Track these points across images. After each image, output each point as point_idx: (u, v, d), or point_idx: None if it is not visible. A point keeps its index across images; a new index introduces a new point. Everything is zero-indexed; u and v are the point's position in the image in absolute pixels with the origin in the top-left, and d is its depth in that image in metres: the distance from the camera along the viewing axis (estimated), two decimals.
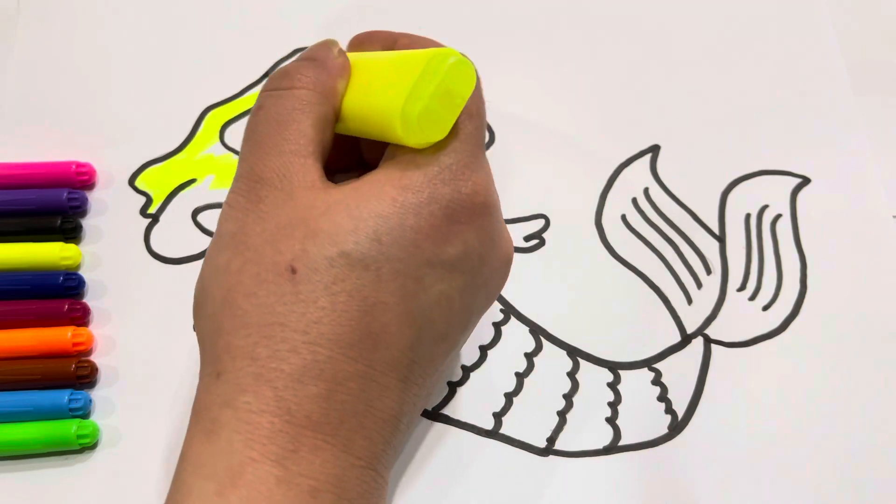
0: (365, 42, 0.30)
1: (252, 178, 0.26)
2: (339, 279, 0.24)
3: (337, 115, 0.28)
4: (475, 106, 0.27)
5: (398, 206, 0.25)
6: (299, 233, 0.25)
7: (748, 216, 0.39)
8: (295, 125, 0.26)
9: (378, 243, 0.24)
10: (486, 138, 0.28)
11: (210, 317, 0.25)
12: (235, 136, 0.41)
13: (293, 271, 0.24)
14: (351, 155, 0.31)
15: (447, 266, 0.26)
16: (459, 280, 0.26)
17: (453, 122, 0.26)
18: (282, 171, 0.26)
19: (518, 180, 0.40)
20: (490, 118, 0.41)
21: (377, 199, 0.25)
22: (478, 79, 0.27)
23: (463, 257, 0.26)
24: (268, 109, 0.27)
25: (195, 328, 0.26)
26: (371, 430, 0.25)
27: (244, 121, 0.41)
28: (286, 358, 0.24)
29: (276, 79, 0.28)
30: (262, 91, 0.28)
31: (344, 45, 0.30)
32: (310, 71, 0.27)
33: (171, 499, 0.24)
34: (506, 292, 0.37)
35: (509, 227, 0.39)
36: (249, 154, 0.27)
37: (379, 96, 0.26)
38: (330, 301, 0.24)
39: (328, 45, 0.28)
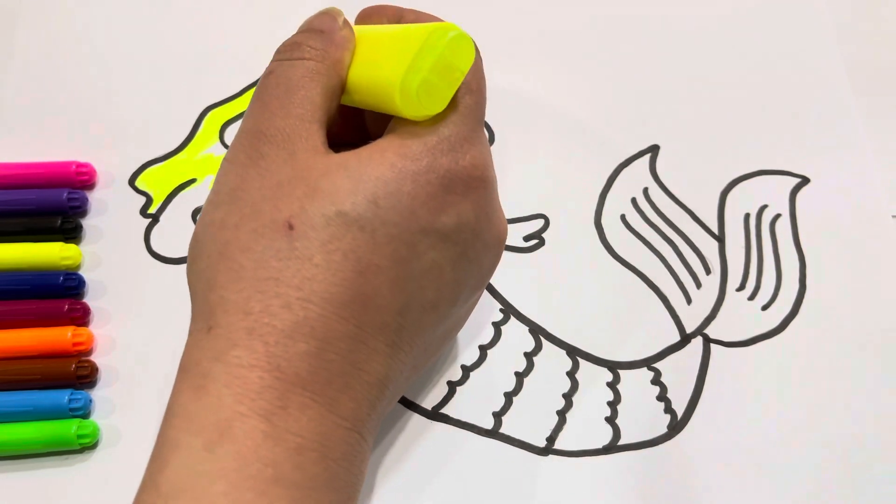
0: (372, 16, 0.31)
1: (255, 135, 0.26)
2: (335, 238, 0.25)
3: (343, 87, 0.28)
4: (475, 81, 0.27)
5: (397, 172, 0.25)
6: (299, 191, 0.25)
7: (747, 216, 0.39)
8: (303, 91, 0.27)
9: (375, 206, 0.25)
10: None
11: (204, 270, 0.25)
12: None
13: (290, 227, 0.24)
14: (356, 128, 0.32)
15: (440, 235, 0.26)
16: (452, 251, 0.27)
17: (451, 95, 0.26)
18: (286, 131, 0.26)
19: (517, 180, 0.40)
20: (490, 118, 0.41)
21: (377, 164, 0.25)
22: (479, 55, 0.28)
23: (456, 228, 0.27)
24: (279, 75, 0.27)
25: (188, 282, 0.27)
26: (357, 392, 0.25)
27: None
28: (278, 314, 0.24)
29: (286, 49, 0.28)
30: (273, 59, 0.28)
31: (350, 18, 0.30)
32: (318, 42, 0.28)
33: (157, 453, 0.24)
34: (505, 292, 0.37)
35: (509, 227, 0.39)
36: (255, 111, 0.27)
37: (380, 68, 0.27)
38: (325, 259, 0.24)
39: (333, 15, 0.29)
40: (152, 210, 0.39)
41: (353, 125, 0.31)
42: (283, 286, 0.24)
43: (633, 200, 0.40)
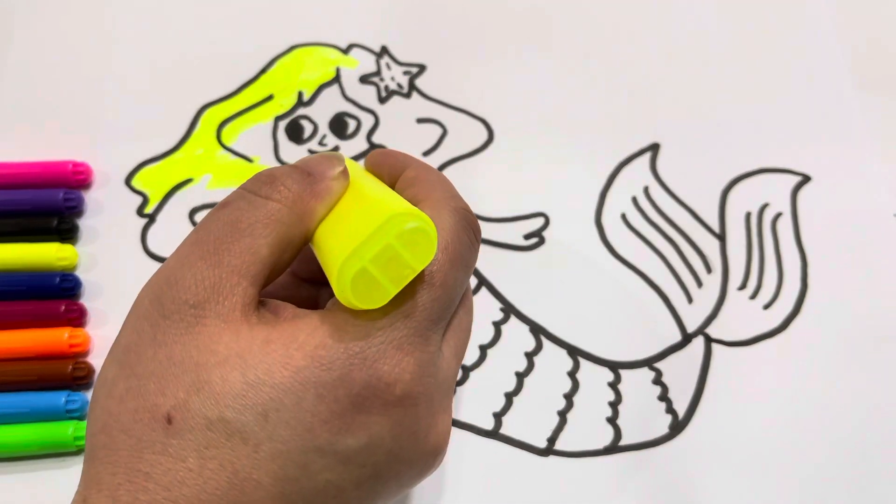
0: (380, 162, 0.29)
1: (170, 281, 0.24)
2: (213, 445, 0.22)
3: (308, 238, 0.26)
4: (441, 275, 0.24)
5: (299, 382, 0.23)
6: (187, 378, 0.23)
7: (748, 214, 0.39)
8: (249, 240, 0.24)
9: (263, 419, 0.22)
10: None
11: (91, 436, 0.24)
12: (232, 134, 0.41)
13: (169, 421, 0.23)
14: None
15: (340, 457, 0.23)
16: (355, 473, 0.24)
17: (394, 293, 0.23)
18: (205, 285, 0.24)
19: (518, 179, 0.40)
20: (490, 116, 0.41)
21: (280, 366, 0.23)
22: (454, 248, 0.25)
23: (363, 450, 0.24)
24: (231, 211, 0.24)
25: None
26: None
27: (241, 120, 0.41)
28: None
29: (258, 181, 0.25)
30: (240, 187, 0.25)
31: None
32: (295, 185, 0.25)
33: None
34: (506, 291, 0.37)
35: (509, 225, 0.39)
36: (187, 247, 0.24)
37: (336, 239, 0.24)
38: (198, 464, 0.22)
39: (333, 161, 0.26)
40: (149, 210, 0.39)
41: None
42: (152, 482, 0.22)
43: (634, 199, 0.39)
